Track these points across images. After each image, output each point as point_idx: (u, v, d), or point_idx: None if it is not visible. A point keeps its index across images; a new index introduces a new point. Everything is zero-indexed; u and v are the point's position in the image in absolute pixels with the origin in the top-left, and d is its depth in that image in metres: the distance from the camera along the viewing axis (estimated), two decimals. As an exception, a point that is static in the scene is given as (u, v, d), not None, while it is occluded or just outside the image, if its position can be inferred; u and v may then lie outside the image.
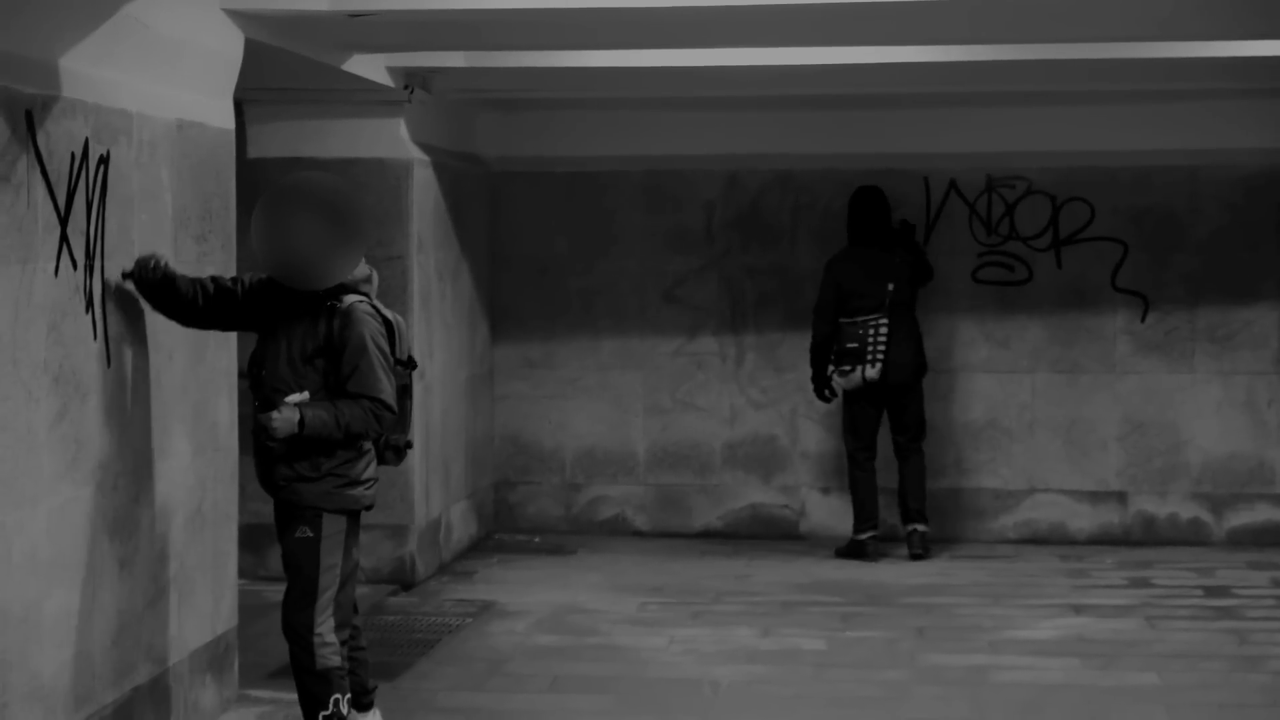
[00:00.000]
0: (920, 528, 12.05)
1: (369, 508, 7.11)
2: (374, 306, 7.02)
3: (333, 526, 6.92)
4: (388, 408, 6.89)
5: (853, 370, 11.89)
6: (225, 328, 7.37)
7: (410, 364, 7.26)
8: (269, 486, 6.98)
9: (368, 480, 7.03)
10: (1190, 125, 12.43)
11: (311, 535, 6.90)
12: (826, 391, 12.02)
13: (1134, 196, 12.63)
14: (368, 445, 7.04)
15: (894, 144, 12.66)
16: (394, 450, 7.27)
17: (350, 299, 6.90)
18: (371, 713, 7.35)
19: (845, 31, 9.35)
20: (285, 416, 6.71)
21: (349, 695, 7.03)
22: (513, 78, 10.97)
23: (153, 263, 6.99)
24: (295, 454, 6.85)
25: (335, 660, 6.94)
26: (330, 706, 6.92)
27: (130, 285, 6.97)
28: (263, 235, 6.78)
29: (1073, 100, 12.37)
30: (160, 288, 7.00)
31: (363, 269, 7.01)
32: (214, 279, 7.15)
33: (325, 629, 6.92)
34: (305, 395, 6.78)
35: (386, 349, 6.96)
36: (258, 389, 6.91)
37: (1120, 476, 12.67)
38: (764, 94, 12.07)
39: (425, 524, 11.24)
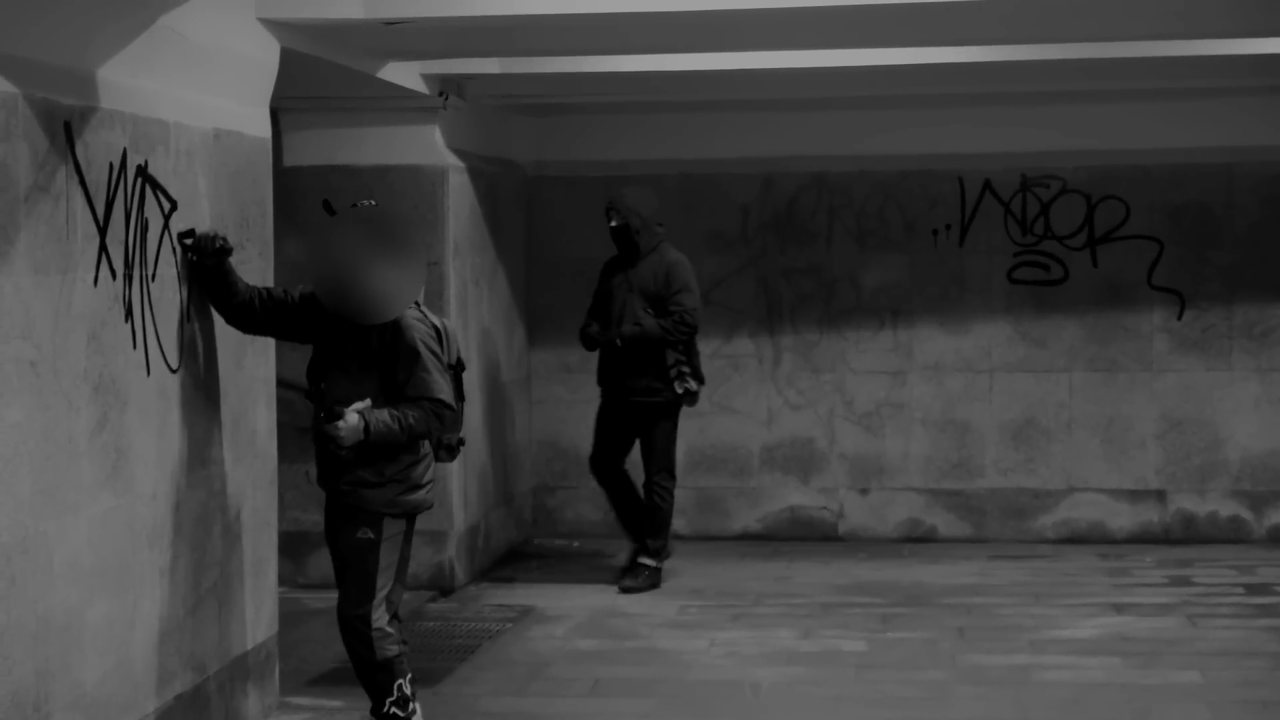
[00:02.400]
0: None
1: (429, 508, 7.41)
2: (422, 313, 7.29)
3: (393, 529, 7.22)
4: (447, 406, 7.17)
5: (693, 382, 11.21)
6: (272, 334, 7.59)
7: (459, 366, 7.48)
8: (331, 488, 7.25)
9: (427, 483, 7.33)
10: (1225, 122, 12.40)
11: (373, 537, 7.17)
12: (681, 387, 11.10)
13: (1169, 194, 12.59)
14: (426, 449, 7.34)
15: (928, 144, 12.65)
16: (447, 449, 7.54)
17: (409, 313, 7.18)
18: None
19: (879, 33, 9.34)
20: (350, 424, 6.99)
21: (410, 676, 7.30)
22: (546, 83, 10.99)
23: (214, 235, 7.17)
24: (361, 459, 7.11)
25: (394, 649, 7.21)
26: (395, 692, 7.21)
27: (191, 256, 7.16)
28: (329, 275, 7.06)
29: (1107, 98, 12.35)
30: (215, 272, 7.20)
31: None
32: (268, 289, 7.42)
33: (381, 621, 7.18)
34: (367, 403, 7.05)
35: (438, 350, 7.21)
36: (319, 401, 7.16)
37: (1159, 475, 12.63)
38: (798, 96, 12.07)
39: (464, 530, 11.26)
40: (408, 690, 7.25)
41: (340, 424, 7.00)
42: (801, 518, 12.95)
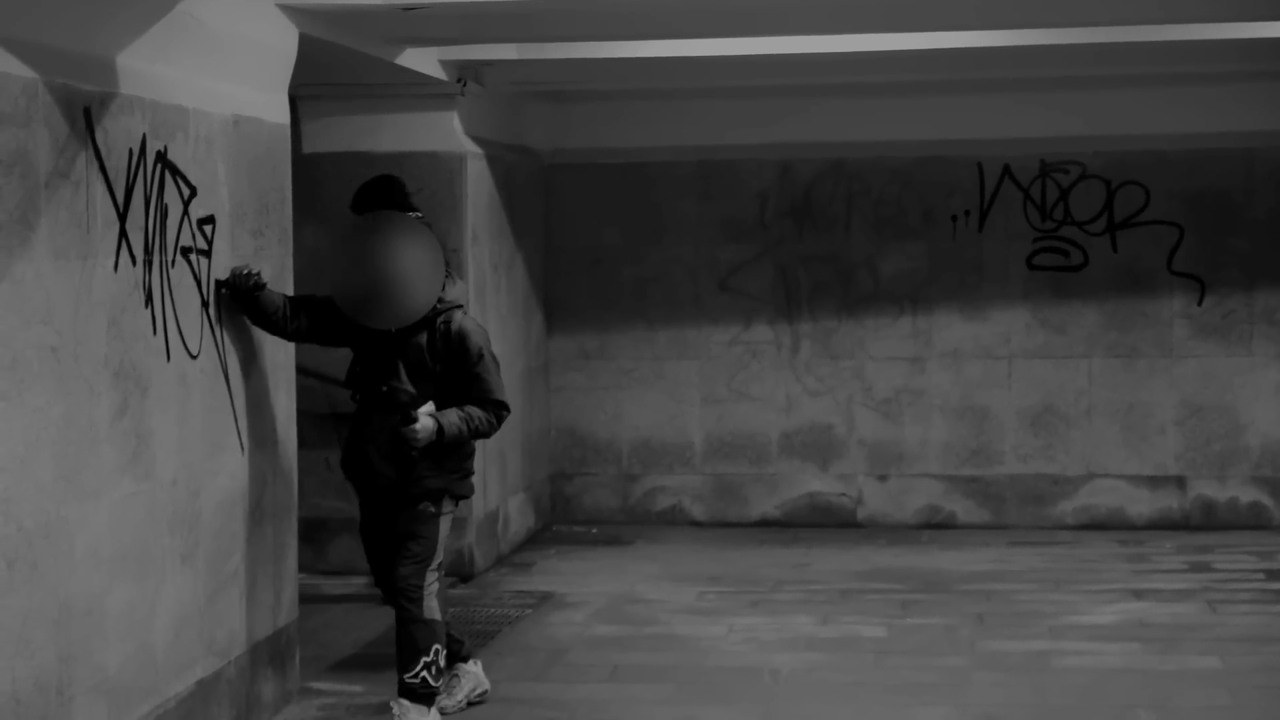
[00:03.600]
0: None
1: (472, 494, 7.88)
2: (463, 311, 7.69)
3: (449, 507, 7.68)
4: (506, 407, 7.65)
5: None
6: (315, 342, 7.88)
7: None
8: (389, 483, 7.57)
9: (473, 471, 7.81)
10: (1245, 107, 12.36)
11: (435, 511, 7.59)
12: None
13: (1189, 179, 12.56)
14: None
15: (947, 130, 12.63)
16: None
17: (458, 314, 7.58)
18: (472, 661, 8.11)
19: (897, 18, 9.33)
20: (426, 426, 7.38)
21: (446, 653, 7.69)
22: (565, 69, 10.98)
23: (246, 271, 7.42)
24: (427, 456, 7.49)
25: (440, 614, 7.59)
26: (431, 654, 7.54)
27: (225, 292, 7.41)
28: (354, 280, 7.39)
29: (1126, 84, 12.32)
30: (251, 298, 7.46)
31: (461, 290, 7.73)
32: (305, 298, 7.73)
33: (433, 589, 7.57)
34: (431, 405, 7.45)
35: (494, 353, 7.70)
36: (375, 401, 7.51)
37: (1179, 461, 12.62)
38: (816, 82, 12.05)
39: (483, 516, 11.27)
40: (443, 662, 7.59)
41: (417, 426, 7.37)
42: (820, 504, 12.95)
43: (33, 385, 5.78)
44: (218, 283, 7.32)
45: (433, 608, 7.57)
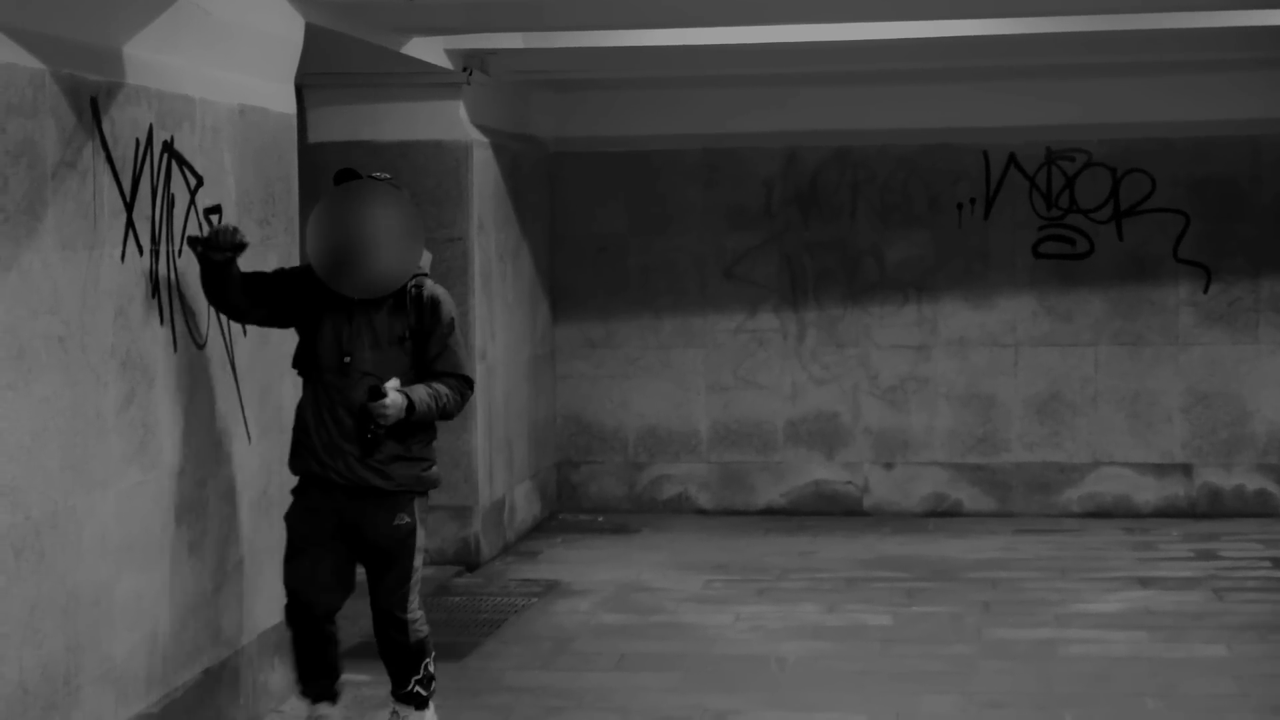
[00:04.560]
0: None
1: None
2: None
3: (422, 507, 7.02)
4: (471, 384, 7.05)
5: None
6: (267, 322, 7.12)
7: None
8: (352, 475, 6.84)
9: (436, 460, 7.12)
10: (1251, 95, 12.35)
11: (409, 521, 6.94)
12: None
13: (1194, 167, 12.55)
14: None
15: (952, 118, 12.62)
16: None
17: (428, 281, 6.99)
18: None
19: (902, 6, 9.33)
20: (395, 401, 6.71)
21: (434, 654, 7.20)
22: (569, 58, 10.98)
23: (234, 228, 6.82)
24: (392, 438, 6.83)
25: (425, 629, 7.12)
26: (422, 671, 7.11)
27: (199, 250, 6.81)
28: (330, 245, 6.77)
29: (1131, 71, 12.30)
30: (223, 266, 6.80)
31: (427, 259, 7.11)
32: (259, 274, 7.02)
33: (415, 604, 7.05)
34: (396, 381, 6.78)
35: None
36: (343, 375, 6.81)
37: (1185, 449, 12.61)
38: (821, 70, 12.05)
39: (489, 505, 11.28)
40: (432, 669, 7.17)
41: (386, 401, 6.70)
42: (826, 492, 12.95)
43: (40, 375, 5.79)
44: (190, 240, 6.78)
45: (419, 629, 7.06)
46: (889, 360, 12.86)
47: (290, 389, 8.13)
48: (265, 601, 7.78)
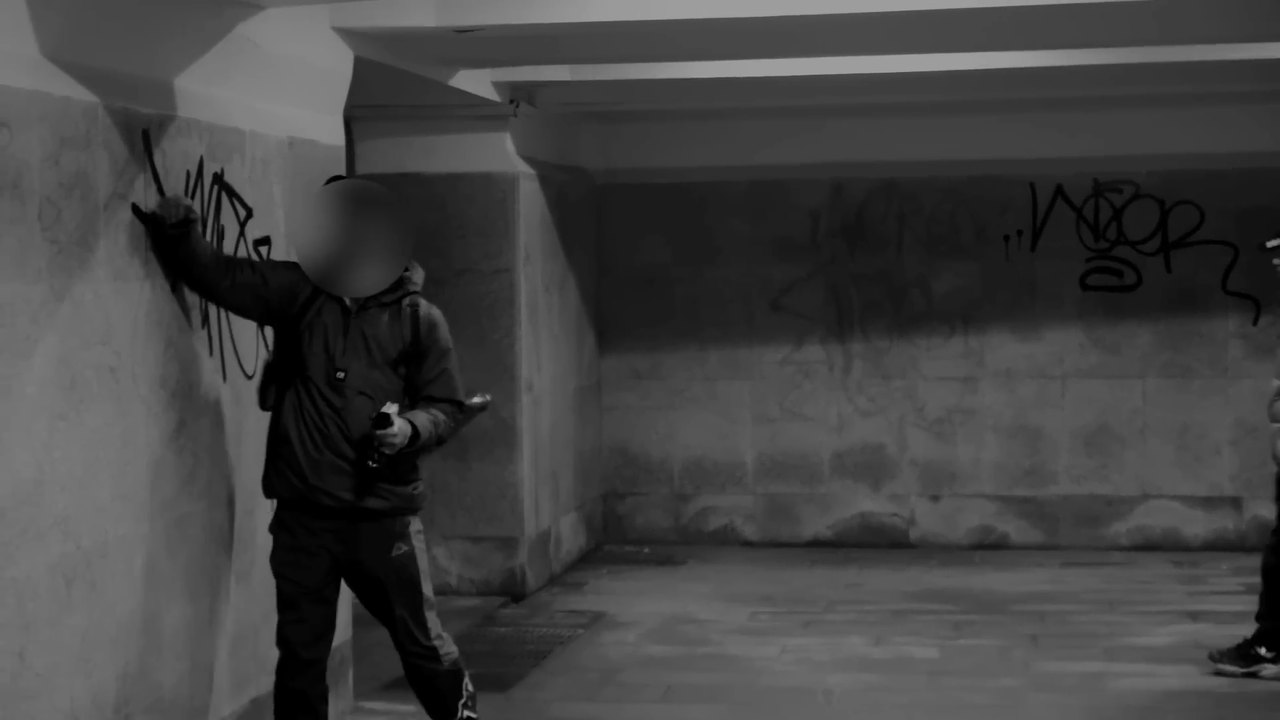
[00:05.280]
0: None
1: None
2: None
3: (415, 527, 6.68)
4: (464, 409, 6.73)
5: None
6: (237, 309, 6.68)
7: None
8: (342, 497, 6.49)
9: (421, 478, 6.75)
10: (1299, 125, 12.31)
11: (408, 548, 6.62)
12: None
13: (1243, 198, 12.50)
14: None
15: (999, 150, 12.61)
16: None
17: (423, 301, 6.65)
18: None
19: (949, 38, 9.32)
20: (402, 429, 6.38)
21: (468, 671, 6.87)
22: (616, 90, 11.01)
23: (179, 201, 6.37)
24: (391, 464, 6.49)
25: (454, 648, 6.80)
26: (464, 692, 6.79)
27: (149, 229, 6.35)
28: (318, 242, 6.44)
29: (1179, 103, 12.27)
30: (178, 242, 6.35)
31: (421, 277, 6.74)
32: (241, 258, 6.72)
33: (436, 627, 6.72)
34: (395, 406, 6.41)
35: None
36: (336, 391, 6.45)
37: (1234, 481, 12.55)
38: (867, 101, 12.05)
39: (535, 536, 11.29)
40: (470, 686, 6.82)
41: (394, 430, 6.35)
42: (872, 524, 12.93)
43: (92, 405, 5.82)
44: (140, 216, 6.23)
45: (447, 651, 6.73)
46: (935, 392, 12.84)
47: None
48: (313, 632, 7.78)
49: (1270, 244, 8.94)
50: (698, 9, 8.18)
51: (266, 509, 7.28)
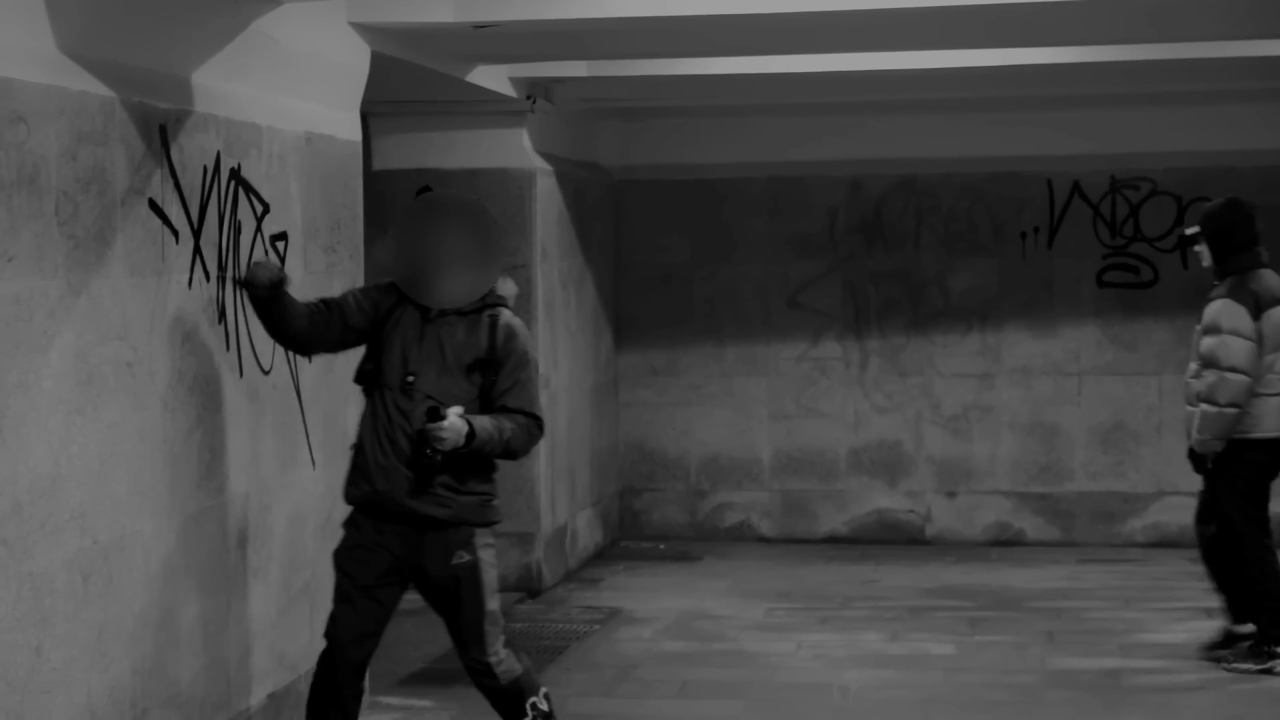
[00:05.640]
0: None
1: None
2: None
3: (483, 539, 6.53)
4: (541, 426, 6.57)
5: None
6: (336, 349, 6.80)
7: None
8: (405, 503, 6.42)
9: (497, 495, 6.65)
10: (1318, 123, 12.29)
11: (470, 559, 6.48)
12: None
13: (1261, 195, 12.41)
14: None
15: (1016, 146, 12.60)
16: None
17: (505, 311, 6.58)
18: None
19: (967, 35, 9.31)
20: (454, 425, 6.24)
21: (545, 690, 6.69)
22: (634, 86, 11.01)
23: (269, 263, 6.57)
24: (449, 469, 6.37)
25: (517, 667, 6.62)
26: (529, 711, 6.61)
27: (239, 288, 6.74)
28: (409, 252, 6.47)
29: (1197, 100, 12.25)
30: (273, 303, 6.50)
31: (512, 285, 6.72)
32: (325, 301, 6.68)
33: (497, 644, 6.57)
34: (460, 409, 6.32)
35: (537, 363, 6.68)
36: (406, 396, 6.40)
37: (1251, 479, 12.50)
38: (885, 98, 12.04)
39: (551, 531, 11.30)
40: (544, 707, 6.62)
41: (445, 424, 6.23)
42: (888, 521, 12.92)
43: (108, 400, 5.84)
44: (236, 282, 6.64)
45: (508, 667, 6.56)
46: (952, 389, 12.83)
47: (355, 414, 8.15)
48: (329, 627, 7.80)
49: (1188, 231, 9.33)
50: (715, 5, 8.17)
51: (283, 504, 7.31)
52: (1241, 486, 8.99)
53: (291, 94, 7.43)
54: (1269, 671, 8.75)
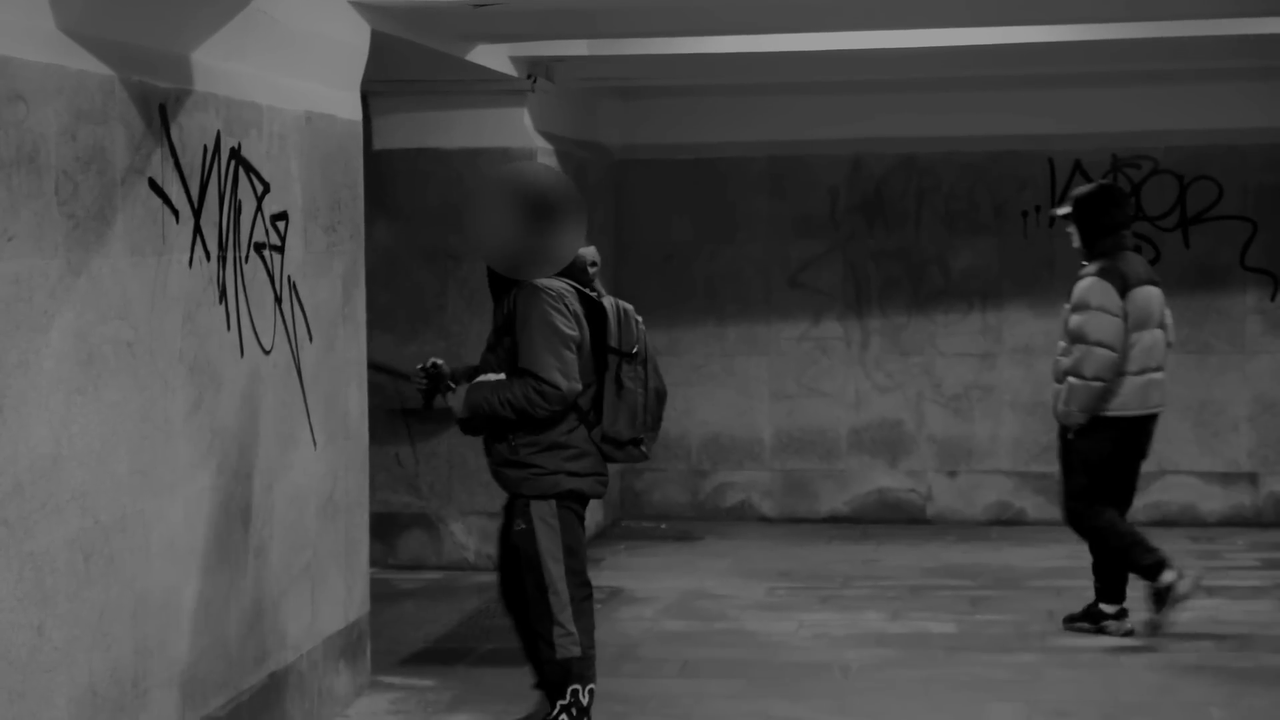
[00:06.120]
0: None
1: (586, 496, 6.99)
2: (576, 289, 6.95)
3: (541, 510, 6.82)
4: (548, 383, 6.67)
5: None
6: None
7: (620, 352, 7.00)
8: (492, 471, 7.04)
9: (576, 472, 6.89)
10: (1320, 101, 12.28)
11: (525, 527, 6.86)
12: None
13: (1263, 174, 12.48)
14: (562, 435, 6.87)
15: (1018, 125, 12.59)
16: (611, 443, 6.99)
17: (544, 280, 6.80)
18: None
19: (968, 13, 9.31)
20: (456, 395, 6.89)
21: (591, 686, 6.91)
22: (635, 65, 11.00)
23: (437, 365, 7.04)
24: (492, 436, 6.92)
25: (575, 650, 6.83)
26: (568, 696, 6.85)
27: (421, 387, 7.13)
28: (497, 229, 6.74)
29: (1198, 78, 12.24)
30: (455, 384, 7.02)
31: (591, 253, 7.08)
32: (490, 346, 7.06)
33: (565, 618, 6.82)
34: (500, 376, 6.81)
35: (562, 326, 6.76)
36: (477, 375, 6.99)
37: (1251, 457, 12.53)
38: (887, 77, 12.04)
39: (553, 511, 11.28)
40: (584, 700, 6.85)
41: (450, 395, 6.91)
42: (889, 500, 12.93)
43: (109, 380, 5.83)
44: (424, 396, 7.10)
45: (566, 644, 6.82)
46: (953, 368, 12.83)
47: (356, 395, 8.18)
48: (331, 606, 7.82)
49: (1059, 212, 9.49)
50: (715, -16, 8.18)
51: (284, 484, 7.31)
52: (1095, 460, 9.18)
53: (292, 73, 7.42)
54: (1102, 631, 9.20)
